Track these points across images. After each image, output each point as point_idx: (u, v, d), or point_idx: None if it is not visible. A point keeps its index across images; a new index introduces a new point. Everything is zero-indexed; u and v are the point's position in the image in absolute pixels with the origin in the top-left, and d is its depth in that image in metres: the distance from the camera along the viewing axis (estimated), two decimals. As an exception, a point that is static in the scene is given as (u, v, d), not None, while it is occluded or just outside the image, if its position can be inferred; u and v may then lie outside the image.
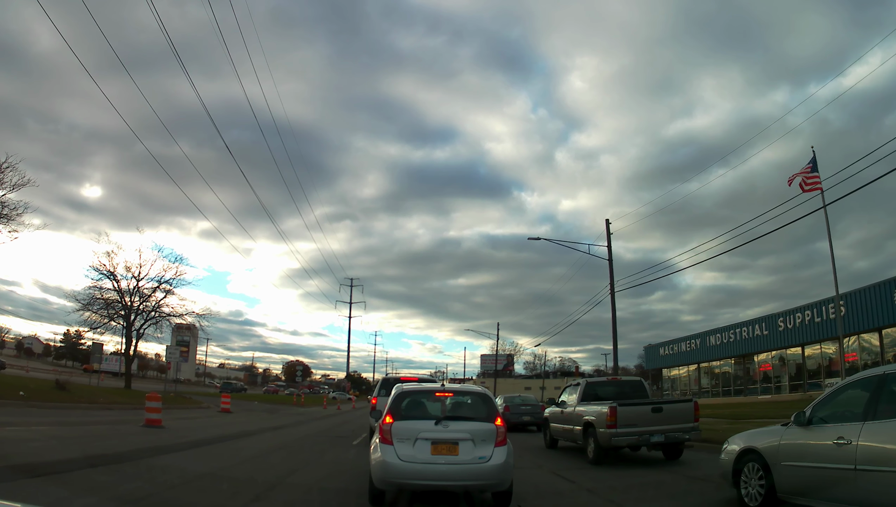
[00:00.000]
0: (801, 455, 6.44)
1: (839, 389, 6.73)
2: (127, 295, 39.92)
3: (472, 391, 8.44)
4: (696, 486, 9.62)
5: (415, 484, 6.98)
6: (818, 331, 35.32)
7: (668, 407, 12.92)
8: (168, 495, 7.69)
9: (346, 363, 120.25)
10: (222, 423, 23.47)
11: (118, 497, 7.12)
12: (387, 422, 7.28)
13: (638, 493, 9.20)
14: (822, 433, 6.24)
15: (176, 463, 10.62)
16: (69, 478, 8.00)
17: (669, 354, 54.86)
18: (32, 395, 23.18)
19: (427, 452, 7.04)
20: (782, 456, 6.67)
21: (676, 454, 12.77)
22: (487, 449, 7.11)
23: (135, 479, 8.47)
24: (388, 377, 18.05)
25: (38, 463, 8.52)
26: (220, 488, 8.55)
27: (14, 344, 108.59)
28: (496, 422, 7.35)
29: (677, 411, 12.71)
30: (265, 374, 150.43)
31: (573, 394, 14.58)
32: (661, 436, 12.16)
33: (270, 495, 8.12)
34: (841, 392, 6.64)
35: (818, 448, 6.20)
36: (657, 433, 12.14)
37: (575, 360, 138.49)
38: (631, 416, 12.12)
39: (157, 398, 18.26)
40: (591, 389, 14.32)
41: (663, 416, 12.41)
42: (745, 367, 44.44)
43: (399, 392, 7.82)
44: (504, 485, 7.24)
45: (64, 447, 11.01)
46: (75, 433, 14.46)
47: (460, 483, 7.07)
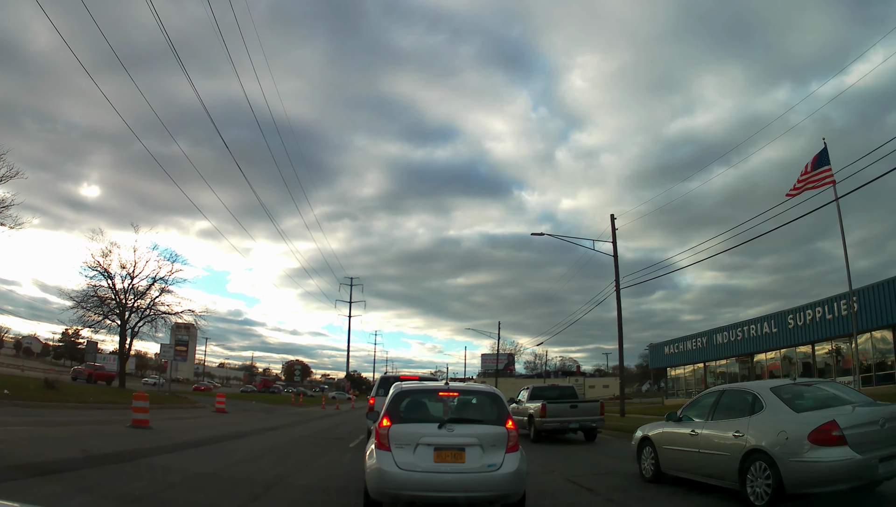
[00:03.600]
0: (672, 442, 9.25)
1: (699, 397, 9.67)
2: (122, 293, 39.12)
3: (479, 390, 7.55)
4: (609, 461, 13.14)
5: (415, 496, 6.11)
6: (829, 328, 34.40)
7: (582, 404, 18.29)
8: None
9: (346, 363, 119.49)
10: (214, 423, 22.61)
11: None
12: (384, 425, 6.41)
13: (564, 461, 12.80)
14: (685, 426, 9.04)
15: (157, 467, 9.76)
16: (24, 486, 7.11)
17: (674, 352, 53.93)
18: (18, 393, 22.33)
19: (429, 459, 6.18)
20: (664, 442, 9.49)
21: (592, 438, 18.21)
22: (498, 456, 6.26)
23: (94, 490, 7.45)
24: (388, 376, 17.10)
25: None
26: (193, 499, 7.63)
27: (13, 344, 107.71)
28: (507, 425, 6.50)
29: (588, 407, 18.15)
30: (265, 373, 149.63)
31: (525, 394, 20.08)
32: (576, 424, 17.70)
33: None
34: (700, 400, 9.49)
35: (682, 437, 8.98)
36: (574, 422, 17.67)
37: (576, 359, 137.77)
38: (555, 410, 17.64)
39: (144, 398, 17.42)
40: (537, 391, 19.98)
41: (578, 410, 17.83)
42: (751, 365, 43.53)
43: (398, 392, 6.92)
44: (517, 496, 6.39)
45: (33, 449, 10.15)
46: (53, 433, 13.60)
47: (467, 495, 6.17)
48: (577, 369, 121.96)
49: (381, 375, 19.63)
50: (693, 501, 8.34)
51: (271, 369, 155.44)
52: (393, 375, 18.07)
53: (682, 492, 8.66)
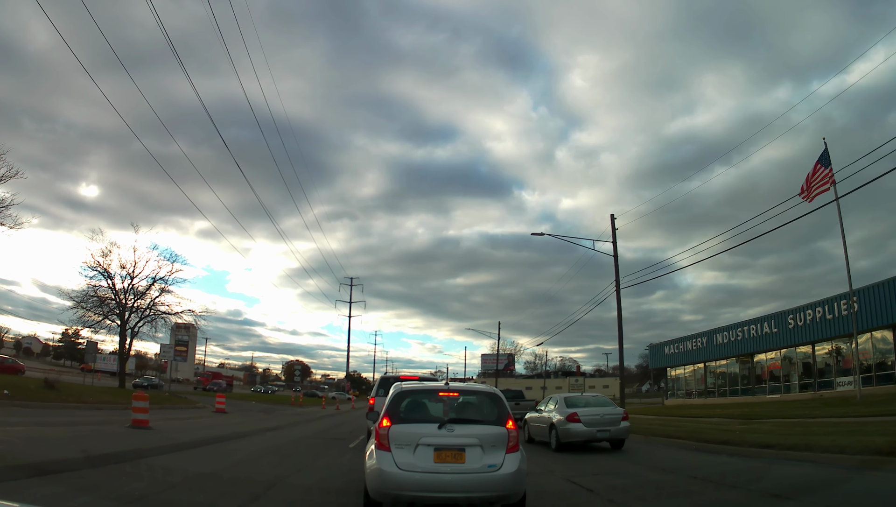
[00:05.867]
0: (534, 420, 17.55)
1: (548, 399, 17.63)
2: (121, 293, 39.12)
3: (479, 391, 7.53)
4: (609, 461, 13.38)
5: (415, 496, 6.09)
6: (829, 328, 34.38)
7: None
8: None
9: (346, 363, 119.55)
10: (214, 424, 22.59)
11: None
12: (384, 425, 6.39)
13: (564, 461, 13.19)
14: (539, 412, 17.44)
15: (156, 467, 9.74)
16: (23, 486, 7.09)
17: (674, 352, 53.89)
18: (18, 394, 22.32)
19: (429, 459, 6.17)
20: (531, 422, 17.82)
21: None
22: (498, 456, 6.25)
23: (94, 490, 7.43)
24: (388, 376, 17.10)
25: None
26: (193, 499, 7.62)
27: (13, 344, 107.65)
28: (507, 425, 6.49)
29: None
30: (265, 373, 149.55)
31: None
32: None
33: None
34: (549, 400, 17.30)
35: (540, 418, 16.92)
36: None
37: (576, 360, 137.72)
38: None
39: (144, 398, 17.39)
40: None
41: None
42: (751, 366, 43.50)
43: (398, 392, 6.90)
44: (516, 496, 6.38)
45: (33, 450, 10.12)
46: (53, 433, 13.58)
47: (467, 495, 6.16)
48: (577, 370, 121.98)
49: (381, 375, 19.60)
50: (693, 500, 8.36)
51: (271, 370, 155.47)
52: (393, 375, 18.05)
53: (681, 492, 8.64)
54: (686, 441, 16.37)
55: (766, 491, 8.59)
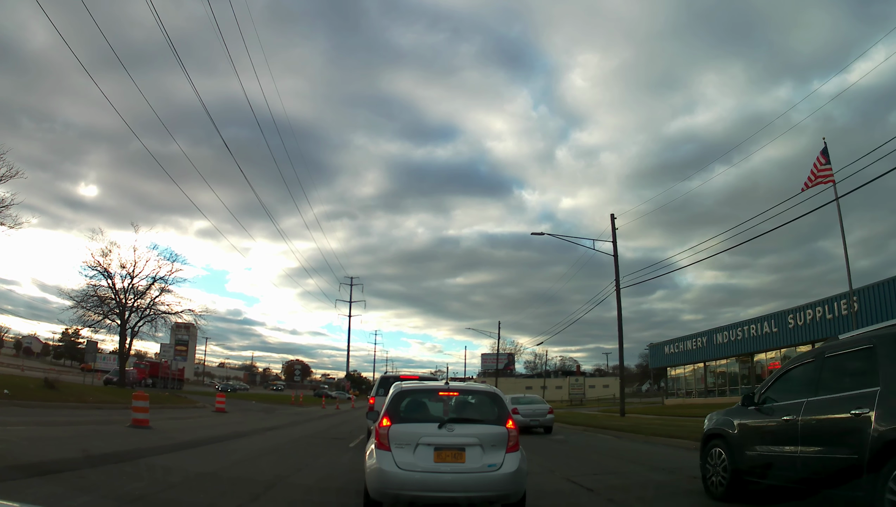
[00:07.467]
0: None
1: (513, 398, 21.49)
2: (121, 292, 39.12)
3: (479, 390, 7.52)
4: (610, 461, 14.03)
5: (415, 496, 6.09)
6: (829, 328, 34.36)
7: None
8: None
9: (346, 362, 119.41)
10: (214, 423, 22.58)
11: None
12: (384, 425, 6.38)
13: (565, 461, 13.86)
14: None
15: (156, 467, 9.72)
16: (23, 486, 7.08)
17: (674, 352, 53.91)
18: (18, 393, 22.32)
19: (429, 459, 6.16)
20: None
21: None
22: (498, 456, 6.24)
23: (94, 489, 7.41)
24: (388, 376, 17.05)
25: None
26: (194, 499, 7.60)
27: (13, 343, 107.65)
28: (507, 425, 6.47)
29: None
30: (265, 373, 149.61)
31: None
32: None
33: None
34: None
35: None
36: None
37: (576, 359, 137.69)
38: None
39: (144, 398, 17.39)
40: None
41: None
42: (752, 365, 43.51)
43: (398, 391, 6.89)
44: (517, 496, 6.37)
45: (33, 449, 10.11)
46: (53, 433, 13.58)
47: (467, 495, 6.15)
48: (577, 369, 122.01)
49: (381, 375, 19.58)
50: (694, 500, 8.36)
51: (271, 369, 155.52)
52: (393, 374, 18.02)
53: (682, 492, 8.63)
54: (686, 441, 16.36)
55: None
